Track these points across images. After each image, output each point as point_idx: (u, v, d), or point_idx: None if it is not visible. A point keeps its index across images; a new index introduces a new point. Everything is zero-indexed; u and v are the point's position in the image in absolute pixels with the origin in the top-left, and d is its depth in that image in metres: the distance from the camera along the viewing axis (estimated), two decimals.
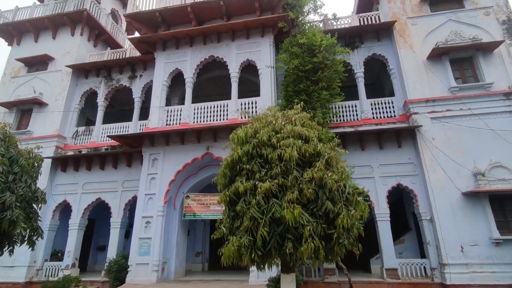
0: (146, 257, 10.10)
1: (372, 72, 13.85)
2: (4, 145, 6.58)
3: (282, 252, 4.11)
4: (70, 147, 13.54)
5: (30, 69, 15.42)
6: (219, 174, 5.03)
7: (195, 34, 12.47)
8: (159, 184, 10.91)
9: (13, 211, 6.12)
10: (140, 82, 14.04)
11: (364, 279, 9.52)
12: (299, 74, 9.92)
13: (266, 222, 4.05)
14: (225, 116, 11.45)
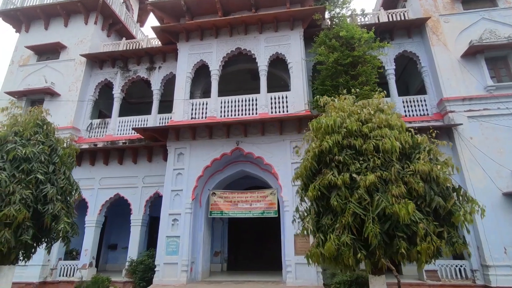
0: (175, 256, 9.57)
1: (397, 69, 13.62)
2: (43, 132, 5.99)
3: (389, 252, 3.72)
4: (85, 140, 12.85)
5: (40, 57, 14.63)
6: (303, 166, 4.60)
7: (222, 25, 11.99)
8: (186, 180, 10.39)
9: (54, 205, 5.57)
10: (159, 74, 13.46)
11: (405, 281, 9.22)
12: (338, 68, 9.57)
13: (375, 219, 3.65)
14: (254, 111, 11.01)
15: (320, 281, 8.67)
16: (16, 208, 4.98)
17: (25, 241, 5.14)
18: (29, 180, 5.32)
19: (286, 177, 9.87)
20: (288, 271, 8.92)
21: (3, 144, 5.36)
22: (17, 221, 4.97)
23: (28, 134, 5.67)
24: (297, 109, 10.57)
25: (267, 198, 10.62)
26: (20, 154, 5.28)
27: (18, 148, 5.34)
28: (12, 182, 5.12)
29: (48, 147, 5.87)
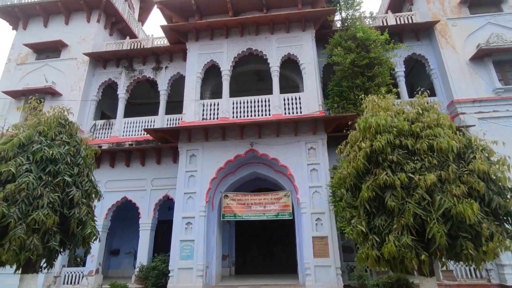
0: (189, 261, 9.29)
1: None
2: (66, 132, 5.68)
3: (452, 253, 3.65)
4: (89, 142, 12.33)
5: (40, 55, 14.11)
6: (353, 167, 4.47)
7: (233, 25, 11.85)
8: (199, 182, 10.14)
9: (80, 209, 5.27)
10: (166, 74, 13.18)
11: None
12: (354, 69, 9.57)
13: (439, 220, 3.57)
14: (267, 112, 10.88)
15: (340, 283, 8.58)
16: (45, 212, 4.67)
17: (53, 248, 4.83)
18: (57, 182, 5.01)
19: (303, 179, 9.78)
20: (307, 274, 8.78)
21: (28, 145, 5.03)
22: (45, 227, 4.66)
23: (52, 134, 5.36)
24: (311, 110, 10.51)
25: (281, 200, 10.48)
26: (47, 155, 4.96)
27: (45, 148, 5.02)
28: (39, 185, 4.80)
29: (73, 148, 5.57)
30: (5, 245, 4.30)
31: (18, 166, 4.75)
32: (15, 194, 4.58)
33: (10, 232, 4.37)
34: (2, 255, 4.29)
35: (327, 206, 9.34)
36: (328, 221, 9.22)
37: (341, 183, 5.04)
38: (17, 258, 4.42)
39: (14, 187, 4.53)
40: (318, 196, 9.57)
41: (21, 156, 4.86)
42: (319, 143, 10.12)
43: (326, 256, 8.88)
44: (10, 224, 4.39)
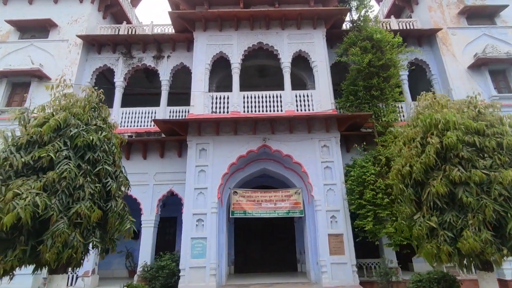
0: (201, 259, 8.86)
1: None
2: (99, 116, 5.09)
3: None
4: None
5: (24, 35, 12.80)
6: (422, 162, 4.44)
7: (244, 17, 11.53)
8: (210, 178, 9.72)
9: (117, 202, 4.76)
10: (168, 64, 12.53)
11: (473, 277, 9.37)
12: (371, 69, 9.71)
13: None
14: (279, 108, 10.71)
15: (357, 280, 8.66)
16: (87, 205, 4.13)
17: (95, 244, 4.29)
18: (97, 172, 4.46)
19: (317, 176, 9.75)
20: (323, 271, 8.75)
21: (64, 129, 4.41)
22: (88, 221, 4.12)
23: (87, 118, 4.77)
24: (324, 108, 10.51)
25: (291, 197, 10.37)
26: (87, 141, 4.39)
27: (83, 134, 4.44)
28: (79, 174, 4.23)
29: (109, 134, 5.00)
30: (47, 242, 3.72)
31: (57, 152, 4.15)
32: (55, 183, 3.99)
33: (52, 227, 3.79)
34: (45, 253, 3.70)
35: (342, 204, 9.38)
36: (343, 218, 9.26)
37: (399, 179, 5.00)
38: (59, 257, 3.85)
39: (56, 176, 3.94)
40: (332, 193, 9.58)
41: (58, 141, 4.25)
42: (332, 141, 10.15)
43: (341, 253, 8.92)
44: (52, 218, 3.81)
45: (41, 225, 3.88)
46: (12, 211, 3.52)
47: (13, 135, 4.34)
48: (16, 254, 3.72)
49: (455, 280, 5.43)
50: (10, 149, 4.11)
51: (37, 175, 4.09)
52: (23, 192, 3.71)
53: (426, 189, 4.33)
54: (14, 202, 3.58)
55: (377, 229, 8.10)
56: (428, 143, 4.41)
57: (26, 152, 4.15)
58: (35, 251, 3.91)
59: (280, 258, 13.38)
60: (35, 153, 4.05)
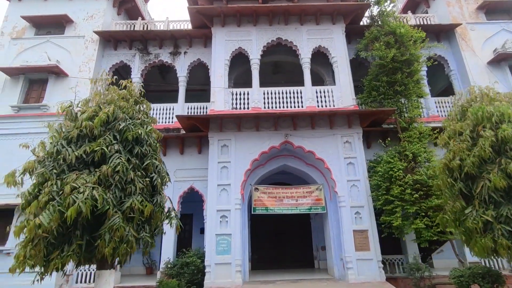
0: (227, 256, 8.84)
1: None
2: (142, 111, 5.01)
3: None
4: None
5: (40, 31, 12.69)
6: (476, 155, 4.37)
7: (263, 12, 11.42)
8: (233, 174, 9.68)
9: (161, 196, 4.71)
10: (185, 60, 12.45)
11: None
12: (395, 64, 9.63)
13: None
14: (299, 104, 10.64)
15: (383, 276, 8.63)
16: (139, 199, 4.07)
17: (145, 240, 4.24)
18: (145, 166, 4.40)
19: (340, 172, 9.70)
20: (349, 268, 8.72)
21: (113, 122, 4.35)
22: (140, 216, 4.07)
23: (132, 112, 4.70)
24: (345, 104, 10.44)
25: (313, 193, 10.33)
26: (136, 135, 4.33)
27: (131, 127, 4.38)
28: (129, 169, 4.17)
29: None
30: (105, 236, 3.67)
31: (108, 145, 4.09)
32: (109, 177, 3.93)
33: (108, 222, 3.74)
34: (103, 247, 3.65)
35: (366, 200, 9.34)
36: (367, 214, 9.22)
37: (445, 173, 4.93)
38: (116, 252, 3.80)
39: (111, 170, 3.88)
40: (355, 189, 9.54)
41: (108, 135, 4.19)
42: (354, 136, 10.09)
43: (367, 249, 8.89)
44: (108, 212, 3.76)
45: (94, 219, 3.83)
46: (72, 205, 3.47)
47: (62, 129, 4.28)
48: (73, 248, 3.67)
49: (499, 275, 5.39)
50: (61, 142, 4.06)
51: (88, 169, 4.04)
52: (79, 186, 3.66)
53: (479, 183, 4.27)
54: (73, 196, 3.53)
55: (405, 224, 8.06)
56: (480, 136, 4.35)
57: (77, 146, 4.09)
58: (89, 246, 3.87)
59: (296, 255, 13.36)
60: (87, 147, 3.99)
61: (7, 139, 10.80)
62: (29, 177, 4.34)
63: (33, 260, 3.56)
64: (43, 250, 3.59)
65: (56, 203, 3.51)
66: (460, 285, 5.67)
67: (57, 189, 3.67)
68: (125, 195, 4.05)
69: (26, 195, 3.95)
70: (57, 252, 3.67)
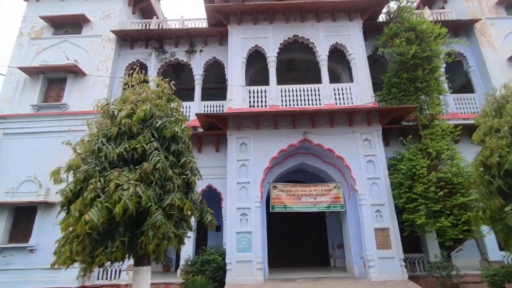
0: (247, 253, 8.86)
1: None
2: (174, 108, 5.03)
3: None
4: None
5: (57, 31, 12.82)
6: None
7: (279, 9, 11.38)
8: (252, 172, 9.69)
9: (194, 194, 4.74)
10: (201, 58, 12.47)
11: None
12: (416, 61, 9.51)
13: None
14: (317, 101, 10.59)
15: (405, 275, 8.57)
16: (178, 196, 4.10)
17: (183, 237, 4.27)
18: (182, 164, 4.43)
19: (360, 170, 9.64)
20: (370, 266, 8.67)
21: (149, 120, 4.38)
22: (179, 213, 4.09)
23: (167, 109, 4.73)
24: (364, 101, 10.36)
25: (331, 191, 10.29)
26: (173, 133, 4.35)
27: (167, 125, 4.40)
28: (167, 166, 4.19)
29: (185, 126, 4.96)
30: (149, 233, 3.69)
31: (148, 143, 4.12)
32: (149, 174, 3.96)
33: (151, 218, 3.76)
34: (148, 244, 3.68)
35: (386, 198, 9.27)
36: (388, 212, 9.15)
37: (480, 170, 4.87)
38: (158, 248, 3.83)
39: (151, 167, 3.91)
40: (376, 187, 9.47)
41: (146, 132, 4.21)
42: (374, 134, 10.01)
43: (388, 247, 8.83)
44: (151, 209, 3.78)
45: (134, 216, 3.86)
46: (118, 201, 3.51)
47: (101, 127, 4.32)
48: (117, 245, 3.71)
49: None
50: (101, 140, 4.09)
51: (128, 166, 4.07)
52: (123, 183, 3.69)
53: None
54: (119, 193, 3.56)
55: (428, 223, 7.98)
56: None
57: (116, 144, 4.12)
58: (131, 243, 3.90)
59: (312, 253, 13.33)
60: (128, 144, 4.02)
61: (28, 138, 10.95)
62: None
63: (80, 256, 3.60)
64: (88, 246, 3.62)
65: (103, 199, 3.55)
66: (494, 284, 5.60)
67: (101, 186, 3.71)
68: (164, 192, 4.08)
69: (67, 192, 3.98)
70: (101, 248, 3.71)
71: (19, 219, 10.19)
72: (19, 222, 10.17)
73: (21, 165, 10.56)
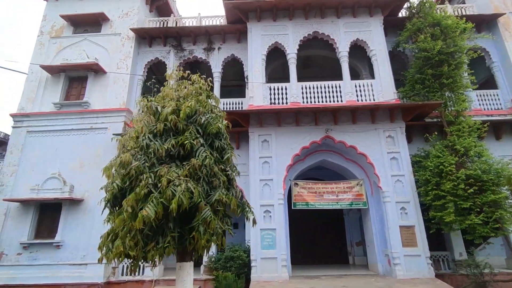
0: (272, 250, 8.89)
1: None
2: (207, 103, 5.00)
3: None
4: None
5: (77, 29, 12.93)
6: None
7: (298, 6, 11.31)
8: (275, 169, 9.69)
9: (235, 190, 4.73)
10: (219, 56, 12.46)
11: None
12: (441, 57, 9.37)
13: None
14: (339, 98, 10.52)
15: (432, 272, 8.49)
16: (224, 192, 4.11)
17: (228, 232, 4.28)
18: (225, 160, 4.44)
19: (384, 167, 9.56)
20: (396, 264, 8.61)
21: (193, 116, 4.38)
22: (224, 209, 4.11)
23: (208, 106, 4.73)
24: (386, 98, 10.25)
25: (353, 189, 10.23)
26: (217, 129, 4.35)
27: (211, 121, 4.41)
28: (213, 162, 4.20)
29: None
30: (200, 228, 3.71)
31: (194, 139, 4.13)
32: (197, 170, 3.97)
33: (201, 214, 3.77)
34: (200, 240, 3.70)
35: (411, 195, 9.19)
36: (413, 210, 9.07)
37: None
38: (208, 244, 3.85)
39: (201, 163, 3.92)
40: (400, 184, 9.39)
41: (192, 129, 4.22)
42: (397, 131, 9.91)
43: (414, 245, 8.76)
44: (200, 205, 3.79)
45: (183, 212, 3.87)
46: (172, 197, 3.53)
47: (148, 123, 4.32)
48: (168, 240, 3.73)
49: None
50: (148, 136, 4.11)
51: (174, 162, 4.09)
52: (174, 179, 3.71)
53: None
54: (172, 189, 3.58)
55: (457, 220, 7.88)
56: None
57: (162, 140, 4.14)
58: (180, 239, 3.93)
59: (330, 250, 13.30)
60: (175, 140, 4.04)
61: (51, 136, 11.09)
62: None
63: (134, 251, 3.63)
64: (140, 242, 3.65)
65: (158, 195, 3.57)
66: None
67: (152, 182, 3.73)
68: (210, 189, 4.09)
69: (114, 188, 4.00)
70: (152, 243, 3.74)
71: (44, 216, 10.34)
72: (44, 218, 10.33)
73: (44, 162, 10.72)
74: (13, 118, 11.39)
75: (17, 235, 9.94)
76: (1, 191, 10.47)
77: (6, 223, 10.14)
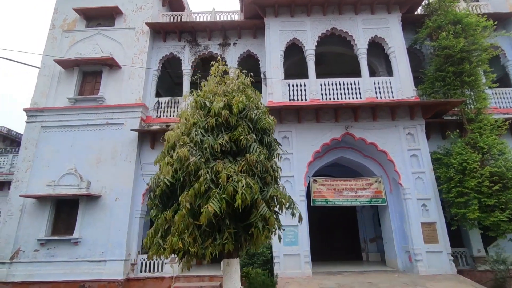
0: (294, 247, 8.90)
1: None
2: (254, 98, 4.92)
3: None
4: (154, 120, 11.47)
5: (90, 23, 12.72)
6: None
7: (316, 2, 11.22)
8: (296, 166, 9.67)
9: (279, 186, 4.69)
10: (235, 51, 12.37)
11: None
12: (463, 54, 9.38)
13: None
14: (358, 95, 10.50)
15: (454, 269, 8.56)
16: (278, 189, 4.07)
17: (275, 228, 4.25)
18: (274, 156, 4.39)
19: (404, 164, 9.59)
20: (418, 260, 8.67)
21: (243, 112, 4.32)
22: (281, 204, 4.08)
23: (256, 101, 4.67)
24: (405, 95, 10.25)
25: (372, 186, 10.26)
26: (267, 125, 4.31)
27: (260, 116, 4.35)
28: (265, 158, 4.15)
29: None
30: (259, 225, 3.68)
31: (247, 134, 4.08)
32: (252, 166, 3.92)
33: (259, 210, 3.74)
34: (259, 236, 3.67)
35: (432, 192, 9.23)
36: (435, 207, 9.12)
37: None
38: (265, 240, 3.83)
39: (257, 159, 3.87)
40: (420, 182, 9.43)
41: (244, 125, 4.17)
42: (417, 128, 9.93)
43: (435, 242, 8.82)
44: (258, 201, 3.76)
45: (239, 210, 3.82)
46: (233, 193, 3.48)
47: (200, 118, 4.24)
48: (226, 236, 3.69)
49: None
50: (200, 132, 4.05)
51: (227, 158, 4.04)
52: (232, 174, 3.66)
53: None
54: (233, 184, 3.53)
55: (481, 217, 7.93)
56: None
57: (214, 135, 4.09)
58: (235, 235, 3.89)
59: (343, 247, 13.39)
60: (228, 136, 3.98)
61: (66, 131, 10.95)
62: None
63: (194, 248, 3.58)
64: (198, 238, 3.61)
65: (220, 191, 3.52)
66: None
67: (210, 177, 3.68)
68: (263, 185, 4.05)
69: (165, 182, 3.93)
70: (209, 240, 3.69)
71: (61, 212, 10.24)
72: (61, 214, 10.23)
73: (60, 158, 10.58)
74: (26, 113, 11.21)
75: (34, 231, 9.82)
76: (16, 186, 10.33)
77: (22, 219, 10.01)
